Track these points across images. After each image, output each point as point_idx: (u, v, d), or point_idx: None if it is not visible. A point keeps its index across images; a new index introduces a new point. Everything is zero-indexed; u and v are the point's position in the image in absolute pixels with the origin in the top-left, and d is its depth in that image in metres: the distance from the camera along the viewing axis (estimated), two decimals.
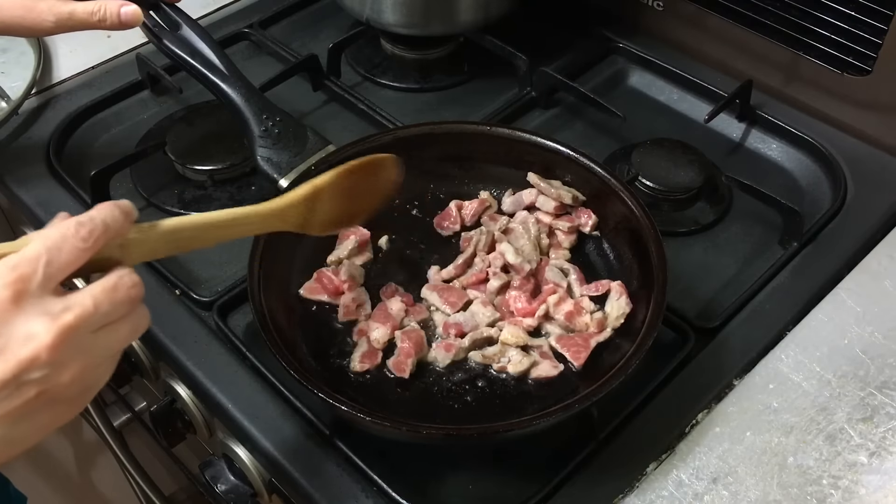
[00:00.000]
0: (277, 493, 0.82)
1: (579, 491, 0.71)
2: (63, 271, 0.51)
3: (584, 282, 0.82)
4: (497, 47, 1.10)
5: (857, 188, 0.96)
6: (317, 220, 0.73)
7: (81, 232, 0.51)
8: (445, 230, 0.89)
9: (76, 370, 0.50)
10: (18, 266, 0.49)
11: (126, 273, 0.53)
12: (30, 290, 0.49)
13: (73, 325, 0.49)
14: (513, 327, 0.78)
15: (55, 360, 0.49)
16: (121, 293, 0.52)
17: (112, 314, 0.52)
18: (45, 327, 0.48)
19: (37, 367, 0.48)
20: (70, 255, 0.51)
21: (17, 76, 1.07)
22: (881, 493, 0.70)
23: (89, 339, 0.51)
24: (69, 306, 0.50)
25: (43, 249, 0.50)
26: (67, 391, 0.50)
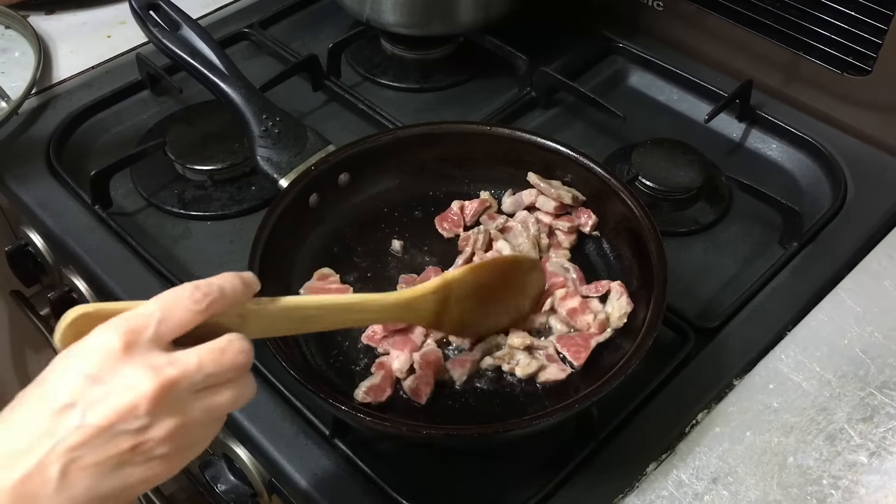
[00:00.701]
0: (277, 493, 0.82)
1: (579, 491, 0.71)
2: (175, 330, 0.52)
3: (583, 281, 0.82)
4: (497, 47, 1.10)
5: (857, 188, 0.96)
6: (450, 318, 0.72)
7: (196, 294, 0.53)
8: (447, 231, 0.89)
9: (172, 427, 0.50)
10: (132, 319, 0.51)
11: (237, 338, 0.53)
12: (139, 343, 0.50)
13: (175, 380, 0.50)
14: (518, 331, 0.78)
15: (153, 412, 0.49)
16: (228, 357, 0.52)
17: (216, 376, 0.52)
18: (147, 378, 0.49)
19: (134, 417, 0.48)
20: (183, 315, 0.52)
21: (17, 76, 1.07)
22: (881, 493, 0.70)
23: (189, 398, 0.51)
24: (173, 362, 0.50)
25: (157, 307, 0.52)
26: (161, 448, 0.50)
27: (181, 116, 1.03)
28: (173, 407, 0.50)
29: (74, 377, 0.49)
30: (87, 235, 0.92)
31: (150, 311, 0.51)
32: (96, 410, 0.48)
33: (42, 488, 0.47)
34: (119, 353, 0.49)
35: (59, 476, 0.47)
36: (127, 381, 0.49)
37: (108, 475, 0.49)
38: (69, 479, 0.48)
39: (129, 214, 0.96)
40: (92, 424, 0.48)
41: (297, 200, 0.83)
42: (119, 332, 0.50)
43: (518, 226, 0.86)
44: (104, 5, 1.22)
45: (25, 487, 0.47)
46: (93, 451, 0.48)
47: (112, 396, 0.48)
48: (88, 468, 0.48)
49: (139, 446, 0.49)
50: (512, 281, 0.77)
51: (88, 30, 1.18)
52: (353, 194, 0.88)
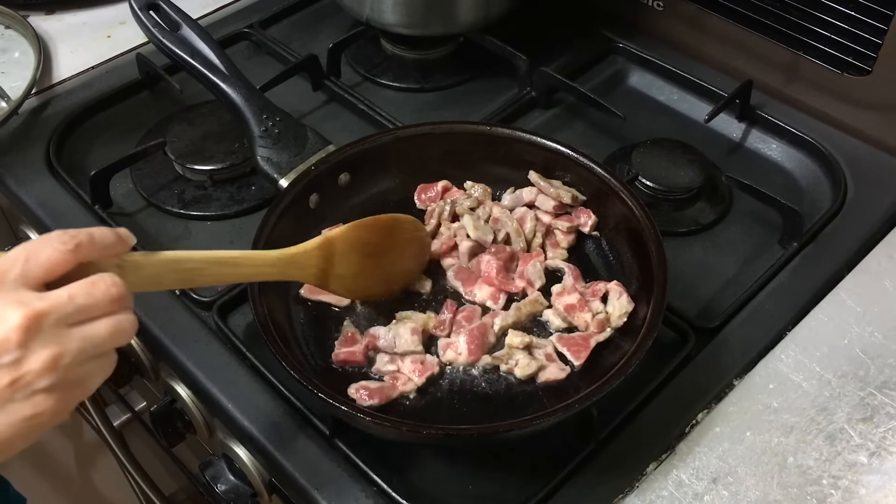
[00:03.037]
0: (277, 493, 0.82)
1: (579, 491, 0.71)
2: (42, 269, 0.52)
3: (580, 279, 0.82)
4: (497, 47, 1.10)
5: (857, 188, 0.96)
6: (336, 276, 0.73)
7: (64, 237, 0.54)
8: (421, 203, 0.90)
9: (48, 358, 0.50)
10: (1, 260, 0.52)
11: (108, 274, 0.54)
12: (5, 282, 0.51)
13: (43, 311, 0.50)
14: (515, 332, 0.78)
15: (25, 343, 0.49)
16: (99, 289, 0.53)
17: (89, 309, 0.53)
18: (14, 312, 0.49)
19: (5, 350, 0.49)
20: (49, 256, 0.53)
21: (17, 76, 1.07)
22: (881, 493, 0.70)
23: (63, 329, 0.51)
24: (42, 297, 0.51)
25: (22, 249, 0.53)
26: (41, 381, 0.50)
27: (181, 116, 1.03)
28: (47, 338, 0.50)
29: None
30: None
31: (16, 254, 0.52)
32: None
33: None
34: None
35: None
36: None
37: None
38: None
39: (129, 214, 0.96)
40: None
41: (297, 200, 0.83)
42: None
43: (507, 212, 0.87)
44: (104, 5, 1.22)
45: None
46: None
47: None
48: None
49: (17, 381, 0.49)
50: (396, 240, 0.79)
51: (88, 30, 1.18)
52: (353, 194, 0.88)
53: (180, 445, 0.95)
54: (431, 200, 0.89)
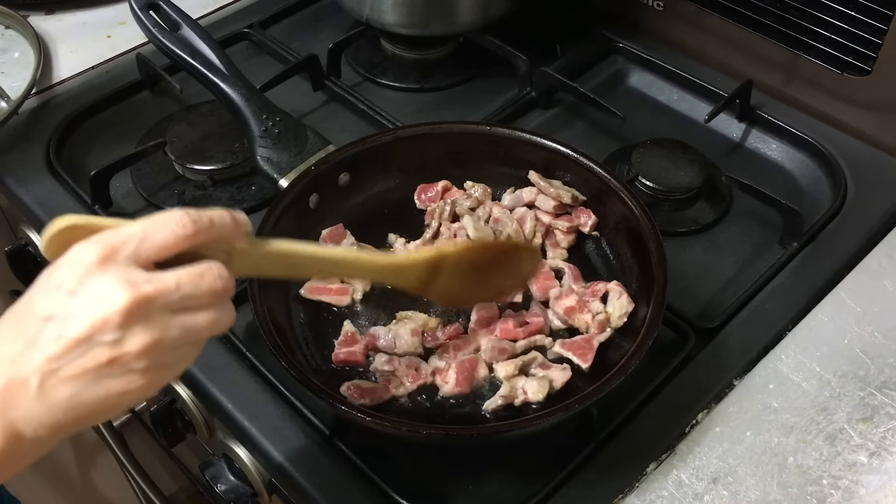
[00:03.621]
0: (277, 493, 0.82)
1: (579, 491, 0.71)
2: (156, 250, 0.52)
3: (580, 280, 0.82)
4: (497, 47, 1.10)
5: (857, 188, 0.96)
6: (436, 288, 0.72)
7: (185, 219, 0.53)
8: (421, 202, 0.90)
9: (148, 342, 0.50)
10: (113, 236, 0.51)
11: (216, 265, 0.54)
12: (116, 258, 0.51)
13: (150, 296, 0.50)
14: (503, 363, 0.76)
15: (127, 325, 0.49)
16: (206, 280, 0.53)
17: (193, 299, 0.53)
18: (121, 292, 0.49)
19: (108, 329, 0.49)
20: (166, 238, 0.52)
21: (17, 76, 1.07)
22: (881, 493, 0.70)
23: (166, 316, 0.51)
24: (150, 279, 0.51)
25: (141, 227, 0.52)
26: (138, 362, 0.50)
27: (181, 116, 1.03)
28: (148, 322, 0.50)
29: (54, 290, 0.50)
30: None
31: (134, 230, 0.52)
32: (73, 323, 0.49)
33: (25, 396, 0.49)
34: (94, 266, 0.50)
35: (38, 385, 0.49)
36: (100, 293, 0.49)
37: (87, 386, 0.50)
38: (48, 389, 0.49)
39: (130, 214, 0.96)
40: (69, 336, 0.49)
41: (297, 200, 0.83)
42: (97, 247, 0.51)
43: (507, 212, 0.86)
44: (104, 5, 1.22)
45: (10, 395, 0.49)
46: (71, 363, 0.49)
47: (87, 309, 0.49)
48: (66, 380, 0.49)
49: (116, 359, 0.50)
50: (507, 265, 0.77)
51: (88, 30, 1.18)
52: (353, 194, 0.88)
53: (180, 445, 0.95)
54: (431, 200, 0.89)
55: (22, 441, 0.50)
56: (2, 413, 0.49)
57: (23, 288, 1.13)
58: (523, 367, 0.76)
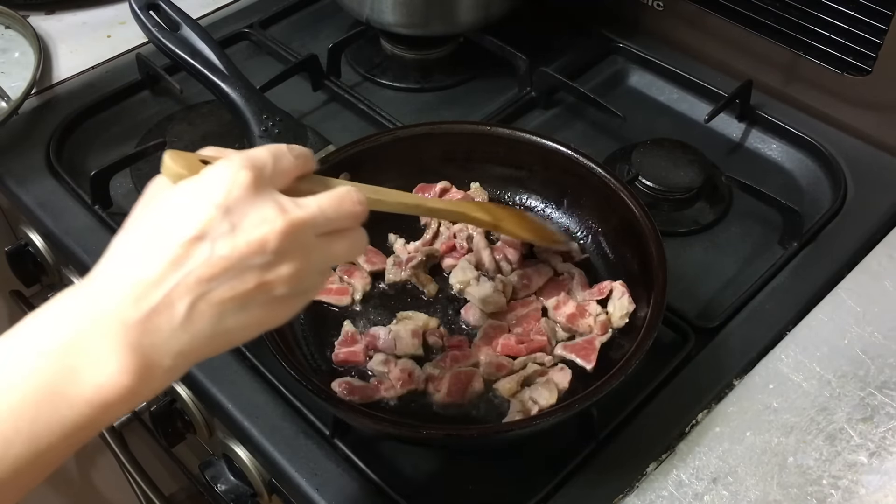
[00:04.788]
0: (277, 493, 0.82)
1: (579, 491, 0.71)
2: (284, 177, 0.53)
3: (586, 286, 0.82)
4: (497, 47, 1.10)
5: (857, 188, 0.96)
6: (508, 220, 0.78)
7: (294, 152, 0.54)
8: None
9: (295, 267, 0.49)
10: (251, 157, 0.51)
11: (353, 190, 0.55)
12: (264, 179, 0.50)
13: (303, 221, 0.50)
14: (503, 380, 0.76)
15: (281, 249, 0.48)
16: (346, 205, 0.53)
17: (335, 223, 0.53)
18: (277, 215, 0.49)
19: (264, 252, 0.48)
20: (287, 166, 0.53)
21: (17, 76, 1.07)
22: (881, 493, 0.70)
23: (312, 241, 0.51)
24: (299, 204, 0.51)
25: (268, 153, 0.52)
26: (281, 288, 0.49)
27: (181, 116, 1.03)
28: (298, 248, 0.49)
29: (204, 207, 0.47)
30: (87, 235, 0.92)
31: (265, 156, 0.51)
32: (227, 242, 0.47)
33: (168, 322, 0.46)
34: (250, 186, 0.48)
35: (187, 310, 0.46)
36: (258, 215, 0.48)
37: (232, 312, 0.48)
38: (196, 314, 0.47)
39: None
40: (222, 256, 0.47)
41: None
42: (246, 166, 0.49)
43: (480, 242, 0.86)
44: (104, 5, 1.22)
45: (152, 322, 0.46)
46: (221, 287, 0.47)
47: (244, 229, 0.47)
48: (215, 304, 0.47)
49: (264, 285, 0.48)
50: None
51: (88, 30, 1.18)
52: None
53: (180, 445, 0.95)
54: None
55: (154, 372, 0.47)
56: (138, 341, 0.46)
57: (23, 288, 1.13)
58: (524, 381, 0.76)
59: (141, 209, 0.51)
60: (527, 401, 0.74)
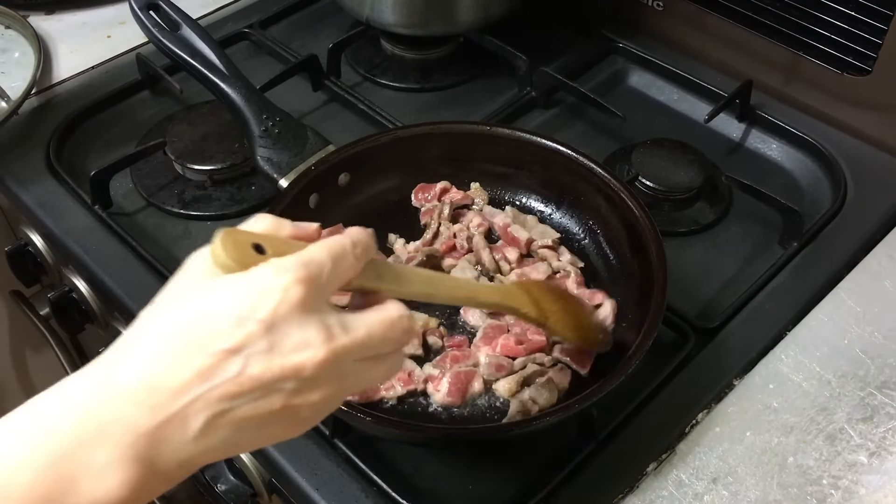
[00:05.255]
0: (277, 493, 0.82)
1: (579, 491, 0.71)
2: (339, 283, 0.48)
3: (582, 285, 0.82)
4: (497, 47, 1.10)
5: (857, 188, 0.96)
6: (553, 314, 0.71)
7: (357, 249, 0.49)
8: (417, 202, 0.90)
9: (326, 394, 0.46)
10: (307, 265, 0.46)
11: (406, 315, 0.50)
12: (316, 294, 0.46)
13: (346, 349, 0.46)
14: (503, 381, 0.76)
15: (316, 377, 0.45)
16: (396, 332, 0.50)
17: (378, 350, 0.49)
18: (320, 341, 0.45)
19: (297, 378, 0.45)
20: (347, 269, 0.48)
21: (17, 76, 1.06)
22: (881, 493, 0.70)
23: (350, 368, 0.47)
24: (346, 328, 0.47)
25: (328, 255, 0.47)
26: (308, 411, 0.46)
27: (181, 116, 1.03)
28: (334, 374, 0.46)
29: (246, 320, 0.44)
30: (87, 235, 0.92)
31: (324, 259, 0.47)
32: (261, 362, 0.43)
33: (180, 435, 0.43)
34: (300, 304, 0.44)
35: (203, 426, 0.43)
36: (300, 339, 0.44)
37: (249, 430, 0.45)
38: (211, 429, 0.44)
39: (129, 214, 0.96)
40: (253, 376, 0.43)
41: (297, 200, 0.83)
42: (299, 278, 0.45)
43: (480, 241, 0.86)
44: (104, 5, 1.22)
45: (163, 432, 0.43)
46: (245, 405, 0.44)
47: (282, 351, 0.44)
48: (234, 422, 0.44)
49: (289, 408, 0.45)
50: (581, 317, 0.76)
51: (88, 30, 1.18)
52: (353, 194, 0.88)
53: None
54: (427, 201, 0.90)
55: (155, 480, 0.44)
56: (145, 452, 0.43)
57: (23, 288, 1.13)
58: (524, 381, 0.76)
59: (175, 294, 0.47)
60: (527, 401, 0.74)
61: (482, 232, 0.87)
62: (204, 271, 0.47)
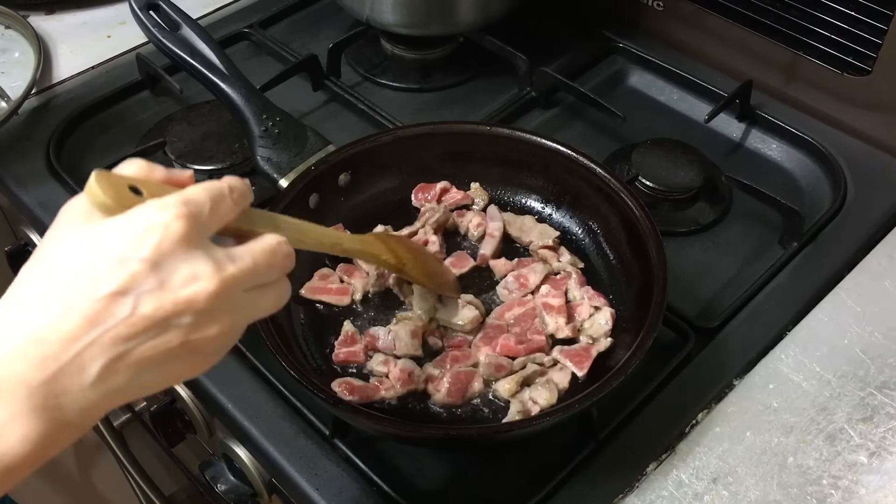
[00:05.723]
0: (277, 493, 0.82)
1: (579, 491, 0.71)
2: (219, 223, 0.49)
3: (584, 284, 0.82)
4: (497, 47, 1.10)
5: (857, 188, 0.96)
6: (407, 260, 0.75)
7: (234, 194, 0.50)
8: (417, 201, 0.90)
9: (222, 326, 0.46)
10: (187, 203, 0.46)
11: (284, 241, 0.52)
12: (197, 230, 0.46)
13: (235, 277, 0.47)
14: (503, 381, 0.76)
15: (210, 309, 0.45)
16: (278, 258, 0.51)
17: (265, 277, 0.50)
18: (209, 272, 0.45)
19: (191, 311, 0.44)
20: (226, 212, 0.49)
21: (17, 76, 1.07)
22: (881, 493, 0.70)
23: (241, 297, 0.48)
24: (232, 258, 0.47)
25: (207, 196, 0.48)
26: (208, 345, 0.47)
27: (181, 116, 1.03)
28: (227, 305, 0.46)
29: (129, 259, 0.43)
30: None
31: (203, 199, 0.47)
32: (152, 300, 0.43)
33: (77, 383, 0.43)
34: (183, 238, 0.44)
35: (100, 371, 0.43)
36: (188, 272, 0.44)
37: (151, 371, 0.45)
38: (109, 374, 0.43)
39: None
40: (145, 315, 0.43)
41: (297, 200, 0.83)
42: (178, 214, 0.45)
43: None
44: (104, 5, 1.22)
45: (59, 383, 0.42)
46: (141, 346, 0.43)
47: (172, 287, 0.44)
48: (132, 364, 0.44)
49: (187, 343, 0.45)
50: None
51: (88, 30, 1.18)
52: (353, 194, 0.88)
53: (180, 445, 0.95)
54: (427, 201, 0.90)
55: (60, 431, 0.43)
56: (42, 404, 0.42)
57: None
58: (524, 381, 0.76)
59: (56, 242, 0.46)
60: (527, 401, 0.74)
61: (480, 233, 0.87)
62: (84, 214, 0.46)
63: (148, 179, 0.49)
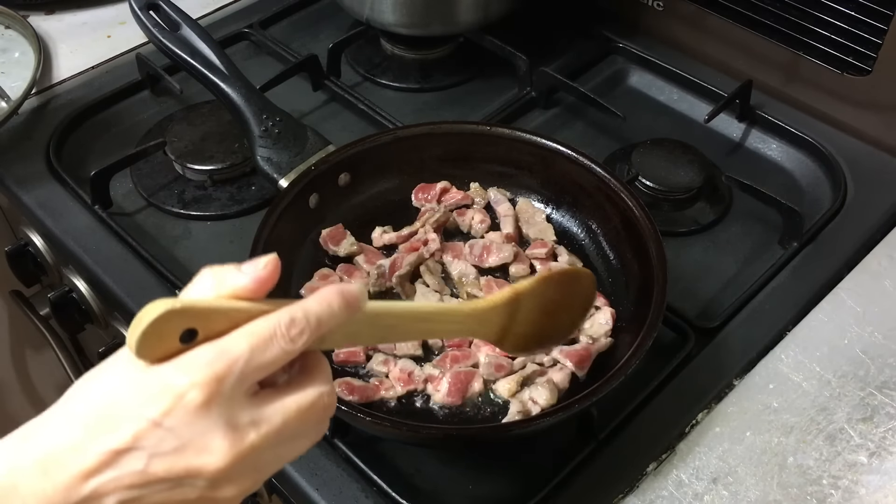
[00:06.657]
0: (277, 493, 0.82)
1: (579, 491, 0.71)
2: (262, 372, 0.45)
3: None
4: (497, 47, 1.10)
5: (857, 188, 0.96)
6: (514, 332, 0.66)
7: (292, 332, 0.45)
8: (417, 201, 0.90)
9: (241, 487, 0.45)
10: (215, 363, 0.44)
11: (327, 392, 0.48)
12: (221, 393, 0.44)
13: (255, 447, 0.45)
14: (502, 381, 0.76)
15: (226, 476, 0.44)
16: (314, 414, 0.47)
17: (298, 433, 0.47)
18: (223, 445, 0.44)
19: (203, 478, 0.44)
20: (274, 358, 0.45)
21: (17, 76, 1.07)
22: (881, 493, 0.70)
23: (266, 456, 0.46)
24: (257, 422, 0.45)
25: (247, 348, 0.44)
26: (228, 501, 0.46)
27: (181, 116, 1.03)
28: (249, 468, 0.45)
29: (140, 419, 0.43)
30: (87, 235, 0.92)
31: (239, 353, 0.44)
32: (162, 462, 0.43)
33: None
34: (198, 407, 0.43)
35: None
36: (202, 442, 0.43)
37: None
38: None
39: (129, 214, 0.96)
40: (155, 474, 0.43)
41: (297, 200, 0.83)
42: (200, 381, 0.43)
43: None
44: (104, 5, 1.22)
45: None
46: (158, 495, 0.44)
47: (184, 455, 0.43)
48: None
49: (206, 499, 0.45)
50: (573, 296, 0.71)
51: (88, 30, 1.18)
52: (353, 194, 0.88)
53: None
54: (427, 201, 0.90)
55: None
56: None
57: (23, 288, 1.13)
58: (524, 381, 0.76)
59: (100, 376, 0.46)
60: (527, 401, 0.74)
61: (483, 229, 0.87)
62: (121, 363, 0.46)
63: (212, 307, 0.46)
